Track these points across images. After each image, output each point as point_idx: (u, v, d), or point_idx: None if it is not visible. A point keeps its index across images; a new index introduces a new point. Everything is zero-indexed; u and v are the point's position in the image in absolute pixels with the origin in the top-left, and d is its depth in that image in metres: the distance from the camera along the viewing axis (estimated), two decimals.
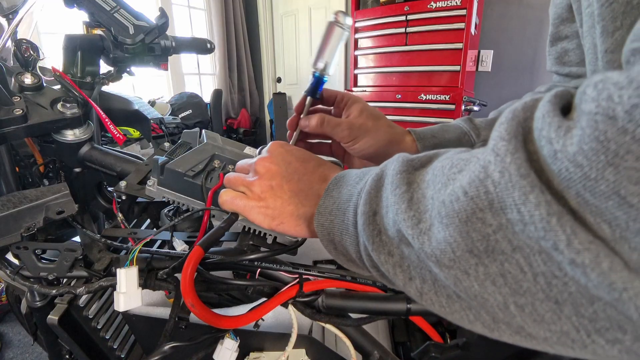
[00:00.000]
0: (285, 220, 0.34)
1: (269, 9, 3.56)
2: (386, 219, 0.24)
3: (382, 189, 0.25)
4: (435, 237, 0.20)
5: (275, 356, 0.51)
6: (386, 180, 0.25)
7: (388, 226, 0.24)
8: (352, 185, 0.29)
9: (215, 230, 0.37)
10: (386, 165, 0.27)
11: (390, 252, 0.24)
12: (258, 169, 0.36)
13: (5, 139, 0.48)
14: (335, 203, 0.30)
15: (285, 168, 0.35)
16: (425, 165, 0.24)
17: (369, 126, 0.46)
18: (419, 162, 0.25)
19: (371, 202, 0.26)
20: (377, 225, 0.25)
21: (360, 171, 0.31)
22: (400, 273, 0.24)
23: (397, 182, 0.24)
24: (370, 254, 0.25)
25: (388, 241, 0.24)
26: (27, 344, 1.52)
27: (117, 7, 0.55)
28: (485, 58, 2.36)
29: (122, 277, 0.39)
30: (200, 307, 0.35)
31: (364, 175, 0.29)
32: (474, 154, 0.20)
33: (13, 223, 0.43)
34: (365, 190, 0.27)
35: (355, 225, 0.27)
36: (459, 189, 0.18)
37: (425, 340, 0.48)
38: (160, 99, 2.95)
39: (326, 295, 0.43)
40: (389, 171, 0.26)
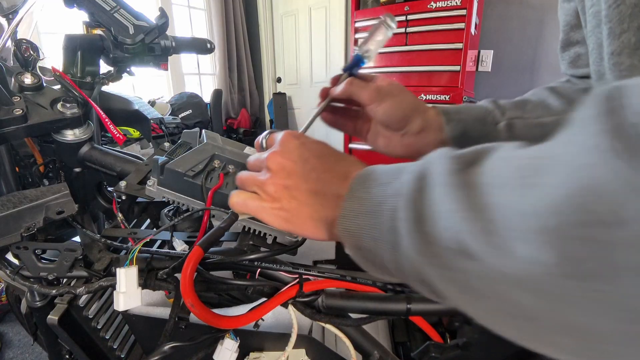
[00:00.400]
0: (302, 223, 0.32)
1: (269, 9, 3.56)
2: (438, 227, 0.21)
3: (429, 191, 0.22)
4: (518, 256, 0.16)
5: (275, 356, 0.51)
6: (433, 179, 0.22)
7: (441, 235, 0.20)
8: (383, 184, 0.26)
9: (215, 230, 0.37)
10: (429, 162, 0.24)
11: (444, 265, 0.21)
12: (271, 166, 0.33)
13: (5, 139, 0.48)
14: (363, 205, 0.27)
15: (302, 165, 0.32)
16: (477, 162, 0.21)
17: (395, 92, 0.45)
18: (470, 158, 0.22)
19: (415, 206, 0.22)
20: (425, 234, 0.21)
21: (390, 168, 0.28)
22: (455, 290, 0.21)
23: (451, 183, 0.21)
24: (416, 266, 0.22)
25: (441, 253, 0.21)
26: (27, 344, 1.52)
27: (117, 7, 0.55)
28: (485, 58, 2.36)
29: (122, 277, 0.39)
30: (200, 307, 0.35)
31: (397, 173, 0.26)
32: (551, 151, 0.17)
33: (13, 223, 0.43)
34: (405, 191, 0.23)
35: (394, 232, 0.24)
36: (553, 199, 0.15)
37: (425, 340, 0.48)
38: (160, 99, 2.95)
39: (326, 295, 0.43)
40: (436, 168, 0.22)
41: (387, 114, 0.45)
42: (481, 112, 0.47)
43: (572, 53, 0.49)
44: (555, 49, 0.53)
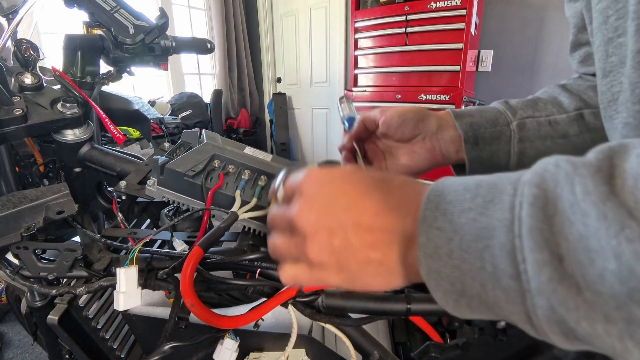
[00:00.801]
0: (369, 283, 0.26)
1: (269, 9, 3.56)
2: (592, 269, 0.16)
3: (563, 222, 0.17)
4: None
5: (275, 356, 0.51)
6: (569, 208, 0.17)
7: (602, 280, 0.16)
8: (475, 210, 0.21)
9: (214, 230, 0.37)
10: (548, 180, 0.19)
11: (609, 317, 0.16)
12: (303, 228, 0.26)
13: (5, 138, 0.48)
14: (452, 240, 0.21)
15: (343, 213, 0.25)
16: (615, 174, 0.17)
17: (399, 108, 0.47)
18: (607, 171, 0.17)
19: (549, 244, 0.17)
20: (572, 278, 0.17)
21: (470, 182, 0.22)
22: (634, 347, 0.16)
23: (614, 216, 0.16)
24: (566, 321, 0.17)
25: (601, 302, 0.16)
26: (27, 344, 1.52)
27: (117, 7, 0.55)
28: (485, 58, 2.36)
29: (122, 277, 0.39)
30: (200, 307, 0.35)
31: (488, 193, 0.21)
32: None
33: (13, 223, 0.43)
34: (527, 225, 0.18)
35: (518, 278, 0.18)
36: None
37: (425, 340, 0.48)
38: (160, 99, 2.95)
39: (326, 295, 0.43)
40: (569, 193, 0.17)
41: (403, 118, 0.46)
42: (492, 113, 0.47)
43: (582, 52, 0.49)
44: (555, 49, 0.54)
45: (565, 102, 0.47)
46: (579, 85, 0.49)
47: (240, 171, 0.46)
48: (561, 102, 0.47)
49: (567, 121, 0.45)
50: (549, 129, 0.45)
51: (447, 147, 0.47)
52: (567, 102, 0.47)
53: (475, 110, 0.48)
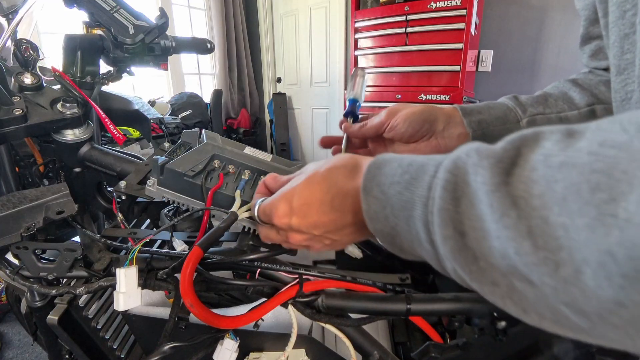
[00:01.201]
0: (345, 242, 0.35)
1: (269, 9, 3.56)
2: (485, 244, 0.19)
3: (467, 204, 0.20)
4: (594, 295, 0.15)
5: (275, 356, 0.51)
6: (472, 194, 0.20)
7: (489, 254, 0.19)
8: (402, 185, 0.25)
9: (214, 230, 0.37)
10: (459, 166, 0.22)
11: (495, 282, 0.20)
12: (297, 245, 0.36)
13: (5, 138, 0.48)
14: (385, 208, 0.26)
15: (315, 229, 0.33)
16: (518, 163, 0.19)
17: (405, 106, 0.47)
18: (509, 160, 0.19)
19: (454, 222, 0.21)
20: (469, 250, 0.20)
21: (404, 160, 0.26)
22: (512, 305, 0.20)
23: (498, 205, 0.18)
24: (462, 277, 0.22)
25: (490, 270, 0.20)
26: (27, 344, 1.52)
27: (117, 7, 0.55)
28: (485, 58, 2.36)
29: (122, 277, 0.39)
30: (200, 307, 0.35)
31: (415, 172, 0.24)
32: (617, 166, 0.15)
33: (13, 223, 0.43)
34: (438, 205, 0.22)
35: (433, 244, 0.23)
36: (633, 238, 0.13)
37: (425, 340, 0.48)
38: (160, 99, 2.95)
39: (326, 296, 0.43)
40: (473, 181, 0.20)
41: (408, 122, 0.45)
42: (502, 110, 0.46)
43: (593, 46, 0.48)
44: (555, 49, 0.53)
45: (577, 97, 0.46)
46: (590, 80, 0.48)
47: (240, 171, 0.46)
48: (572, 98, 0.46)
49: (579, 117, 0.45)
50: None
51: (452, 145, 0.46)
52: (578, 97, 0.46)
53: (483, 107, 0.47)
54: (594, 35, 0.47)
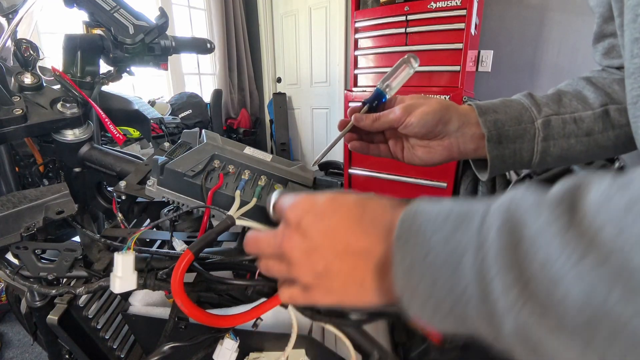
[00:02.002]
0: (353, 300, 0.28)
1: (269, 9, 3.56)
2: (556, 293, 0.17)
3: (528, 248, 0.18)
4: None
5: (275, 356, 0.51)
6: (535, 235, 0.18)
7: (564, 303, 0.17)
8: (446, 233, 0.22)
9: (207, 234, 0.38)
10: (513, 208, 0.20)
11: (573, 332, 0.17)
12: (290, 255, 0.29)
13: (5, 138, 0.48)
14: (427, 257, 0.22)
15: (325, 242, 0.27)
16: (577, 208, 0.18)
17: (420, 101, 0.45)
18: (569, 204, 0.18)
19: (515, 268, 0.18)
20: (537, 300, 0.18)
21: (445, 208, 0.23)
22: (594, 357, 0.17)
23: (574, 246, 0.17)
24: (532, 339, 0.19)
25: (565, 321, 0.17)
26: (27, 344, 1.52)
27: (117, 6, 0.55)
28: (485, 58, 2.36)
29: (119, 262, 0.39)
30: (191, 306, 0.36)
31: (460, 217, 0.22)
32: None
33: (13, 223, 0.43)
34: (494, 249, 0.19)
35: (486, 300, 0.19)
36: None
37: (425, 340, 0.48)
38: (160, 99, 2.95)
39: None
40: (534, 221, 0.18)
41: (423, 122, 0.44)
42: (517, 109, 0.46)
43: (606, 44, 0.48)
44: (555, 49, 0.53)
45: (591, 97, 0.45)
46: (604, 78, 0.47)
47: (240, 171, 0.46)
48: (586, 97, 0.46)
49: (593, 118, 0.44)
50: (574, 127, 0.44)
51: (465, 145, 0.46)
52: (593, 97, 0.45)
53: (499, 105, 0.47)
54: (607, 33, 0.47)
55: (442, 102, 0.46)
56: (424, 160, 0.48)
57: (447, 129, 0.45)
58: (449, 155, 0.47)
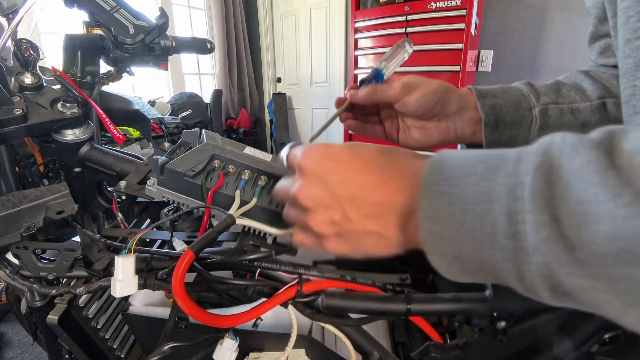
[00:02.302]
0: (369, 249, 0.28)
1: (269, 9, 3.56)
2: (587, 230, 0.18)
3: (564, 188, 0.19)
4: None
5: (275, 356, 0.51)
6: (572, 175, 0.19)
7: (594, 241, 0.17)
8: (478, 175, 0.22)
9: (207, 233, 0.38)
10: (553, 150, 0.20)
11: (596, 274, 0.18)
12: (304, 204, 0.29)
13: (5, 138, 0.48)
14: (454, 204, 0.22)
15: (340, 191, 0.27)
16: (616, 148, 0.18)
17: (421, 80, 0.45)
18: (607, 147, 0.19)
19: (549, 207, 0.19)
20: (567, 239, 0.18)
21: (478, 153, 0.23)
22: (616, 299, 0.18)
23: (613, 183, 0.17)
24: (557, 276, 0.19)
25: (592, 260, 0.18)
26: (27, 344, 1.52)
27: (117, 6, 0.55)
28: (485, 58, 2.36)
29: (120, 265, 0.39)
30: (191, 306, 0.36)
31: (495, 160, 0.22)
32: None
33: (13, 223, 0.43)
34: (529, 188, 0.19)
35: (515, 237, 0.20)
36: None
37: (425, 340, 0.48)
38: (160, 99, 2.95)
39: (326, 296, 0.43)
40: (573, 162, 0.19)
41: (422, 101, 0.44)
42: (516, 96, 0.46)
43: (602, 44, 0.48)
44: (555, 49, 0.53)
45: (589, 88, 0.45)
46: (602, 72, 0.48)
47: (240, 171, 0.46)
48: (584, 89, 0.46)
49: (590, 110, 0.44)
50: (571, 117, 0.44)
51: (462, 129, 0.46)
52: (591, 89, 0.45)
53: (498, 90, 0.46)
54: (602, 33, 0.47)
55: (442, 83, 0.45)
56: (420, 141, 0.48)
57: (445, 110, 0.45)
58: (445, 138, 0.47)
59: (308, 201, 0.28)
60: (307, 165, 0.29)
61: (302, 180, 0.29)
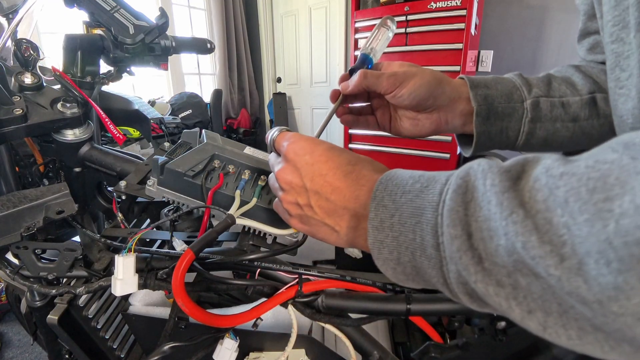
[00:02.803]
0: (322, 237, 0.33)
1: (269, 9, 3.55)
2: (491, 244, 0.21)
3: (476, 207, 0.22)
4: (595, 282, 0.17)
5: (274, 356, 0.51)
6: (481, 197, 0.22)
7: (495, 254, 0.20)
8: (413, 193, 0.26)
9: (207, 233, 0.38)
10: (470, 175, 0.23)
11: (500, 282, 0.21)
12: (281, 184, 0.34)
13: (5, 138, 0.48)
14: (394, 216, 0.26)
15: (309, 184, 0.32)
16: (522, 177, 0.21)
17: (413, 71, 0.44)
18: (515, 173, 0.21)
19: (462, 223, 0.22)
20: (475, 251, 0.21)
21: (416, 174, 0.27)
22: (517, 306, 0.21)
23: (507, 204, 0.20)
24: (469, 283, 0.22)
25: (495, 270, 0.21)
26: (27, 344, 1.52)
27: (117, 6, 0.55)
28: (485, 58, 2.36)
29: (120, 264, 0.39)
30: (192, 306, 0.36)
31: (427, 181, 0.26)
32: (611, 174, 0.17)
33: (13, 223, 0.43)
34: (448, 206, 0.23)
35: (438, 248, 0.23)
36: (626, 227, 0.15)
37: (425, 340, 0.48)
38: (160, 99, 2.95)
39: (326, 296, 0.43)
40: (482, 185, 0.22)
41: (414, 95, 0.43)
42: (508, 87, 0.46)
43: (591, 40, 0.48)
44: (555, 49, 0.53)
45: (579, 83, 0.46)
46: (592, 67, 0.48)
47: (240, 171, 0.46)
48: (575, 83, 0.46)
49: (580, 104, 0.44)
50: (561, 111, 0.44)
51: (453, 120, 0.46)
52: (581, 83, 0.45)
53: (491, 81, 0.47)
54: (591, 30, 0.48)
55: (435, 74, 0.45)
56: (412, 132, 0.48)
57: (437, 103, 0.45)
58: (436, 129, 0.47)
59: (283, 183, 0.34)
60: (290, 155, 0.34)
61: (283, 164, 0.34)
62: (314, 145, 0.33)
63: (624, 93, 0.31)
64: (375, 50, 0.47)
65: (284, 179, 0.34)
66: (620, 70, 0.31)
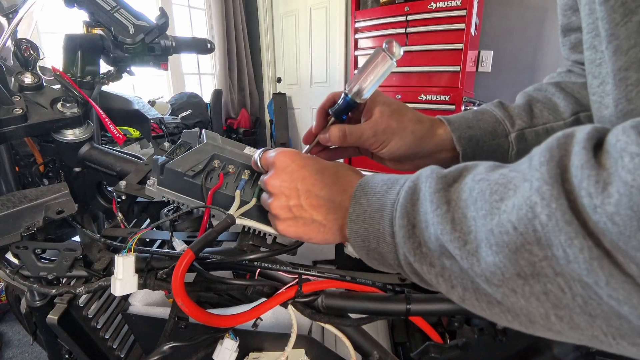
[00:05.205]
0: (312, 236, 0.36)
1: (269, 9, 3.56)
2: (426, 233, 0.26)
3: (419, 204, 0.27)
4: (484, 260, 0.22)
5: (274, 356, 0.51)
6: (422, 196, 0.27)
7: (429, 240, 0.26)
8: (381, 194, 0.31)
9: (207, 233, 0.38)
10: (419, 180, 0.28)
11: (432, 263, 0.26)
12: (270, 190, 0.37)
13: (5, 138, 0.48)
14: (366, 211, 0.31)
15: (300, 185, 0.35)
16: (458, 180, 0.26)
17: (394, 127, 0.44)
18: (452, 178, 0.27)
19: (408, 215, 0.27)
20: (416, 237, 0.27)
21: (386, 178, 0.33)
22: (443, 282, 0.26)
23: (436, 201, 0.25)
24: (412, 264, 0.28)
25: (429, 253, 0.26)
26: (27, 344, 1.52)
27: (117, 6, 0.55)
28: (485, 58, 2.36)
29: (119, 264, 0.39)
30: (191, 306, 0.36)
31: (392, 184, 0.31)
32: (512, 181, 0.21)
33: (13, 223, 0.43)
34: (400, 203, 0.28)
35: (393, 235, 0.29)
36: (508, 223, 0.20)
37: (425, 340, 0.48)
38: (160, 99, 2.95)
39: (326, 296, 0.43)
40: (424, 187, 0.27)
41: (393, 154, 0.45)
42: (491, 123, 0.46)
43: (573, 38, 0.48)
44: (555, 49, 0.53)
45: (561, 104, 0.45)
46: (573, 83, 0.47)
47: (240, 171, 0.46)
48: (557, 105, 0.46)
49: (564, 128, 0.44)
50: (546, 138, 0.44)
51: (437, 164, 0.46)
52: (563, 105, 0.45)
53: (472, 119, 0.46)
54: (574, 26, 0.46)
55: (416, 132, 0.44)
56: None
57: (419, 156, 0.46)
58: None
59: (272, 188, 0.36)
60: (280, 162, 0.37)
61: (273, 172, 0.37)
62: (300, 155, 0.38)
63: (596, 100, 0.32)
64: (363, 89, 0.41)
65: (273, 185, 0.36)
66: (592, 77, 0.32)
